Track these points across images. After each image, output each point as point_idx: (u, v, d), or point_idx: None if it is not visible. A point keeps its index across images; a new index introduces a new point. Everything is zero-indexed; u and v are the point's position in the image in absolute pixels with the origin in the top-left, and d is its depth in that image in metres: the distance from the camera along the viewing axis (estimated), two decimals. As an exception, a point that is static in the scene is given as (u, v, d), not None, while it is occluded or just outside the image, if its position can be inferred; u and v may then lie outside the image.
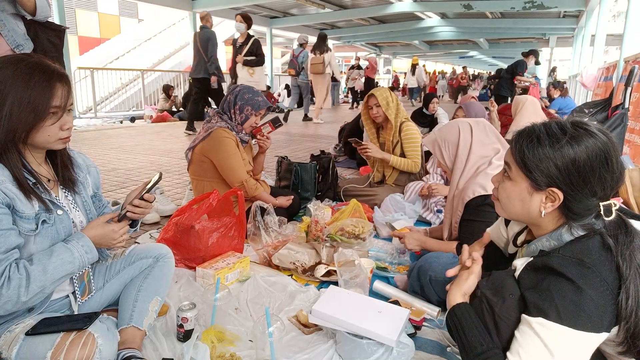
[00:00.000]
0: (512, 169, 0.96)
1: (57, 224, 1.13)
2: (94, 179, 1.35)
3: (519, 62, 7.01)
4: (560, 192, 0.90)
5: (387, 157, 2.81)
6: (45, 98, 1.05)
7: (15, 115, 1.03)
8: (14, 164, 1.06)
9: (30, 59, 1.08)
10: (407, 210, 2.50)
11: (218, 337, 1.31)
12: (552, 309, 0.86)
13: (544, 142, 0.91)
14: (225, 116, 2.32)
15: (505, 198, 0.99)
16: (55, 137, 1.11)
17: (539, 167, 0.91)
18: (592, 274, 0.85)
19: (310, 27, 14.80)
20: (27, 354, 1.02)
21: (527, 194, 0.94)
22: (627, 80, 3.04)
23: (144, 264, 1.40)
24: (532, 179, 0.92)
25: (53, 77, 1.07)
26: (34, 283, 1.02)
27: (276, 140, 5.87)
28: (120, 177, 3.70)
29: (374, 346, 1.25)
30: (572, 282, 0.85)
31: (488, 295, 1.00)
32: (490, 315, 0.97)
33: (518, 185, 0.95)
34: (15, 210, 1.05)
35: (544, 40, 16.78)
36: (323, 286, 1.77)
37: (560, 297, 0.86)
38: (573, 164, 0.88)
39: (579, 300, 0.84)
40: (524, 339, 0.90)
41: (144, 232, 2.40)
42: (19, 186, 1.06)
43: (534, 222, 0.99)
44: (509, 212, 1.02)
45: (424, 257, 1.67)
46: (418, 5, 11.08)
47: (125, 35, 16.88)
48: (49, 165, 1.21)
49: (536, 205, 0.94)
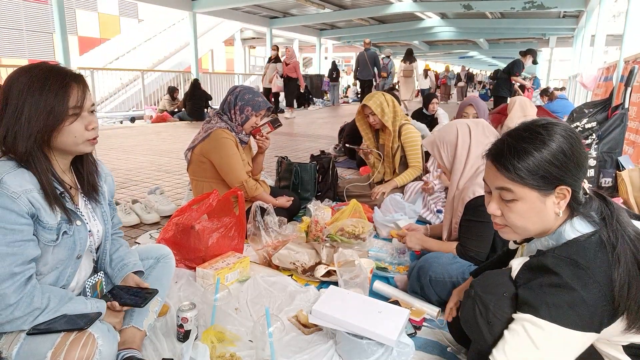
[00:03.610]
0: (514, 190, 0.94)
1: (75, 235, 1.13)
2: (109, 187, 1.35)
3: (516, 62, 7.00)
4: (566, 186, 0.91)
5: (395, 184, 2.82)
6: (61, 99, 1.05)
7: (34, 119, 1.03)
8: (42, 170, 1.05)
9: (44, 65, 1.09)
10: (407, 210, 2.50)
11: (218, 337, 1.31)
12: (543, 306, 0.87)
13: (529, 150, 0.92)
14: (225, 117, 2.32)
15: (519, 219, 0.96)
16: (82, 137, 1.10)
17: (540, 173, 0.91)
18: (585, 275, 0.86)
19: (310, 27, 14.81)
20: (28, 354, 1.02)
21: (540, 203, 0.93)
22: (627, 81, 3.04)
23: (145, 264, 1.40)
24: (539, 186, 0.92)
25: (67, 78, 1.07)
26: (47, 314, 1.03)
27: (276, 140, 5.88)
28: (120, 177, 3.70)
29: (374, 346, 1.25)
30: (565, 282, 0.86)
31: (481, 294, 1.01)
32: (484, 314, 0.98)
33: (529, 201, 0.93)
34: (39, 220, 1.04)
35: (544, 40, 16.78)
36: (323, 286, 1.77)
37: (551, 296, 0.87)
38: (564, 154, 0.90)
39: (571, 300, 0.85)
40: (511, 336, 0.91)
41: (144, 232, 2.41)
42: (45, 195, 1.05)
43: (549, 228, 0.97)
44: (525, 231, 0.98)
45: (424, 257, 1.67)
46: (418, 5, 11.07)
47: (125, 36, 16.87)
48: (72, 173, 1.20)
49: (551, 210, 0.94)
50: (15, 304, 0.98)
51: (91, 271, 1.25)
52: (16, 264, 0.99)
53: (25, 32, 17.20)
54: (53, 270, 1.11)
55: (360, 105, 2.87)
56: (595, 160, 2.81)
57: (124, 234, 2.20)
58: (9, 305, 0.98)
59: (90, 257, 1.24)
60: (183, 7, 9.88)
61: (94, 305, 1.11)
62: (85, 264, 1.21)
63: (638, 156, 3.30)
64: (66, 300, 1.07)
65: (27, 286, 1.01)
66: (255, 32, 16.29)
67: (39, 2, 17.15)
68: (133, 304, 1.19)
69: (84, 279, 1.22)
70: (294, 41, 18.35)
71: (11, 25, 16.77)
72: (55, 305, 1.04)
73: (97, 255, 1.26)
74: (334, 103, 14.11)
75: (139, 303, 1.19)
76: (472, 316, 1.01)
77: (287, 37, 17.20)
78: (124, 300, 1.18)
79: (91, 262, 1.25)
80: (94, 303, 1.11)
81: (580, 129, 2.92)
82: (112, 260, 1.31)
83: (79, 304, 1.08)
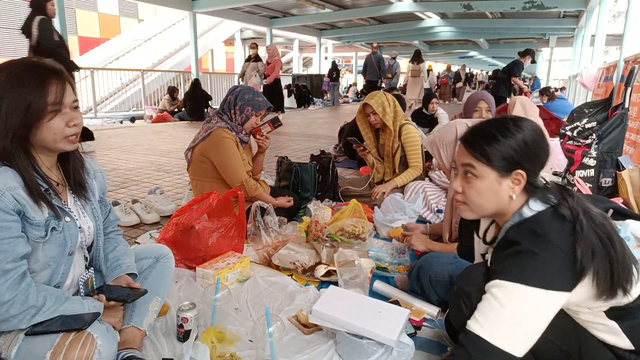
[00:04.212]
0: (477, 167, 1.04)
1: (65, 231, 1.12)
2: (100, 184, 1.33)
3: (515, 62, 7.00)
4: (523, 171, 1.02)
5: (395, 184, 2.81)
6: (39, 95, 1.03)
7: (12, 116, 1.02)
8: (24, 167, 1.05)
9: (24, 60, 1.07)
10: (407, 210, 2.49)
11: (218, 337, 1.31)
12: (507, 270, 0.95)
13: (496, 135, 1.03)
14: (225, 116, 2.32)
15: (476, 196, 1.06)
16: (61, 134, 1.08)
17: (502, 155, 1.01)
18: (543, 240, 0.93)
19: (310, 27, 14.80)
20: (27, 354, 1.02)
21: (496, 183, 1.03)
22: (627, 80, 3.04)
23: (144, 264, 1.40)
24: (499, 167, 1.02)
25: (46, 74, 1.05)
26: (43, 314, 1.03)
27: (276, 140, 5.88)
28: (120, 177, 3.70)
29: (374, 346, 1.25)
30: (525, 248, 0.94)
31: (463, 287, 1.10)
32: (467, 305, 1.04)
33: (487, 179, 1.04)
34: (26, 217, 1.04)
35: (544, 40, 16.77)
36: (323, 286, 1.77)
37: (514, 260, 0.95)
38: (525, 144, 1.02)
39: (532, 261, 0.93)
40: (481, 304, 0.98)
41: (144, 232, 2.40)
42: (30, 192, 1.04)
43: (504, 210, 1.06)
44: (481, 209, 1.08)
45: (424, 257, 1.67)
46: (418, 5, 11.07)
47: (125, 35, 16.89)
48: (59, 170, 1.19)
49: (506, 192, 1.03)
50: (10, 302, 0.98)
51: (84, 269, 1.25)
52: (7, 260, 0.99)
53: (25, 32, 17.19)
54: (45, 267, 1.10)
55: (362, 104, 2.87)
56: (595, 160, 2.81)
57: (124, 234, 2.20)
58: (4, 303, 0.98)
59: (82, 254, 1.23)
60: (183, 7, 9.89)
61: (92, 305, 1.10)
62: (78, 261, 1.21)
63: (638, 156, 3.30)
64: (63, 300, 1.07)
65: (22, 284, 1.01)
66: (255, 32, 16.28)
67: (39, 2, 17.14)
68: (120, 300, 1.19)
69: (78, 277, 1.21)
70: (294, 41, 18.36)
71: (11, 25, 16.77)
72: (51, 304, 1.04)
73: (91, 252, 1.26)
74: (334, 103, 14.11)
75: (126, 298, 1.19)
76: (459, 310, 1.08)
77: (287, 37, 17.20)
78: (111, 295, 1.18)
79: (83, 259, 1.24)
80: (91, 303, 1.11)
81: (580, 129, 2.91)
82: (108, 260, 1.31)
83: (76, 304, 1.08)
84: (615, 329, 0.98)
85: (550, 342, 1.03)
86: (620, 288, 0.93)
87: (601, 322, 1.00)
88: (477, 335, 0.95)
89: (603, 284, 0.92)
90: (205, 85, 10.54)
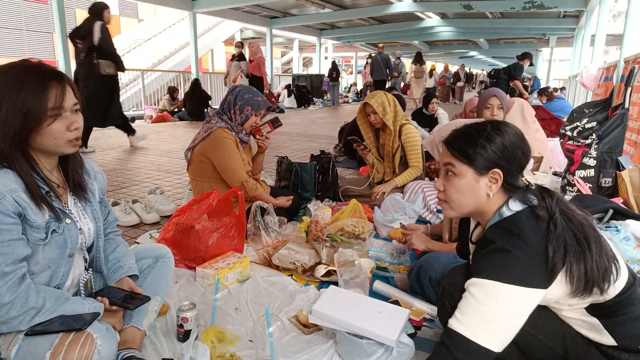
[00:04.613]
0: (456, 165, 1.09)
1: (65, 233, 1.12)
2: (100, 185, 1.33)
3: (517, 65, 7.04)
4: (500, 170, 1.05)
5: (395, 184, 2.81)
6: (38, 100, 1.02)
7: (11, 120, 1.01)
8: (24, 170, 1.04)
9: (24, 63, 1.06)
10: (407, 210, 2.49)
11: (218, 337, 1.31)
12: (483, 268, 0.98)
13: (476, 137, 1.07)
14: (225, 116, 2.32)
15: (456, 193, 1.10)
16: (63, 139, 1.08)
17: (480, 155, 1.06)
18: (517, 239, 0.97)
19: (310, 27, 14.79)
20: (26, 354, 1.02)
21: (474, 181, 1.07)
22: (627, 80, 3.04)
23: (143, 264, 1.40)
24: (476, 166, 1.06)
25: (46, 77, 1.05)
26: (43, 315, 1.03)
27: (276, 140, 5.88)
28: (120, 177, 3.70)
29: (374, 346, 1.25)
30: (500, 247, 0.97)
31: (448, 287, 1.14)
32: (452, 304, 1.06)
33: (465, 177, 1.08)
34: (26, 219, 1.04)
35: (544, 40, 16.76)
36: (323, 286, 1.77)
37: (490, 259, 0.99)
38: (503, 145, 1.06)
39: (506, 260, 0.96)
40: (461, 303, 1.01)
41: (144, 232, 2.40)
42: (31, 195, 1.04)
43: (482, 209, 1.10)
44: (461, 206, 1.11)
45: (424, 257, 1.67)
46: (418, 5, 11.07)
47: (125, 35, 16.87)
48: (60, 172, 1.19)
49: (483, 190, 1.07)
50: (10, 304, 0.98)
51: (83, 270, 1.25)
52: (6, 263, 0.99)
53: (25, 32, 17.19)
54: (45, 269, 1.10)
55: (362, 104, 2.87)
56: (595, 160, 2.80)
57: (124, 234, 2.20)
58: (4, 305, 0.98)
59: (82, 255, 1.23)
60: (183, 7, 9.88)
61: (92, 305, 1.10)
62: (78, 263, 1.21)
63: (639, 156, 3.30)
64: (62, 300, 1.07)
65: (21, 285, 1.01)
66: (255, 32, 16.27)
67: (39, 2, 17.15)
68: (123, 306, 1.18)
69: (78, 278, 1.21)
70: (294, 41, 18.36)
71: (11, 25, 16.77)
72: (51, 305, 1.04)
73: (91, 253, 1.26)
74: (334, 103, 14.11)
75: (129, 306, 1.18)
76: (446, 310, 1.11)
77: (287, 37, 17.20)
78: (114, 300, 1.18)
79: (83, 261, 1.24)
80: (91, 303, 1.11)
81: (580, 129, 2.91)
82: (109, 261, 1.31)
83: (76, 305, 1.08)
84: (597, 326, 1.01)
85: (538, 340, 1.06)
86: (596, 286, 0.96)
87: (583, 319, 1.02)
88: (458, 333, 0.98)
89: (577, 282, 0.95)
90: (205, 85, 10.53)
